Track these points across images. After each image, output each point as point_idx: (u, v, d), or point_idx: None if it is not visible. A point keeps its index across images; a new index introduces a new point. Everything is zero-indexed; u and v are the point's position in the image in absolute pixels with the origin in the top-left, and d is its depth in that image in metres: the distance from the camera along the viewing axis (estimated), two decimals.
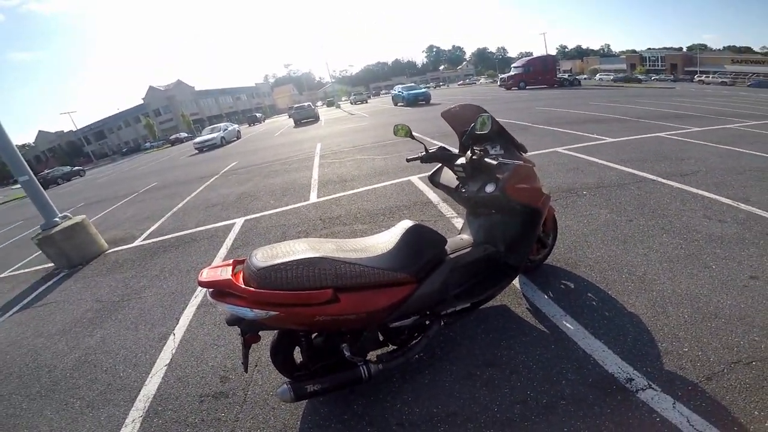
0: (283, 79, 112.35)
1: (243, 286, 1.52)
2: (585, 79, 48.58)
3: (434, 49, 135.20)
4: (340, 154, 9.31)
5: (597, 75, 55.59)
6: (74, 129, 58.69)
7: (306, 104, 27.12)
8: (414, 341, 1.98)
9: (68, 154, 58.15)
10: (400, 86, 27.15)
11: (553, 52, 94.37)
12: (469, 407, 1.80)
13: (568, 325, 2.23)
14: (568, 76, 34.98)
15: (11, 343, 3.35)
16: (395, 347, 2.00)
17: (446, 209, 4.30)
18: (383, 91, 71.25)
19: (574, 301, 2.43)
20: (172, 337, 2.86)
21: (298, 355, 1.91)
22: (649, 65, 61.31)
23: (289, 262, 1.55)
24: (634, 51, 70.98)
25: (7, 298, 4.55)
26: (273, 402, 2.04)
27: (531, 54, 48.45)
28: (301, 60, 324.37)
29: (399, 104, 24.62)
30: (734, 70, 49.85)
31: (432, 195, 4.83)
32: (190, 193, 8.42)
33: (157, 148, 42.87)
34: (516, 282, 2.70)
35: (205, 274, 1.59)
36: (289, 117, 30.62)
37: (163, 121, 59.49)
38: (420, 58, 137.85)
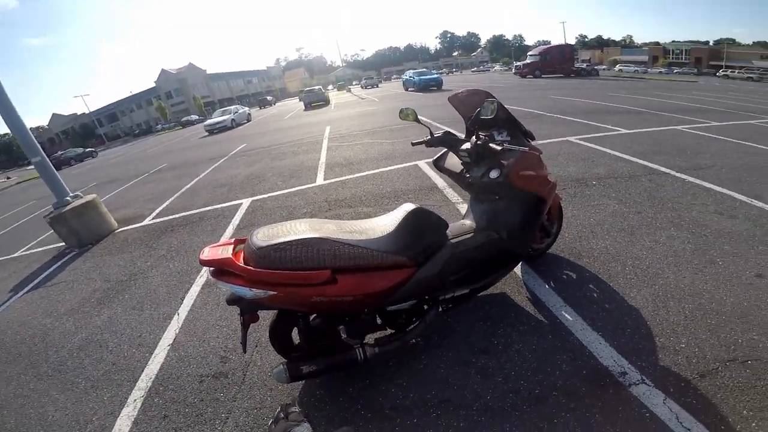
0: (294, 63, 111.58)
1: (242, 265, 1.52)
2: (604, 69, 47.22)
3: (448, 35, 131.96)
4: (349, 138, 9.27)
5: (617, 66, 53.98)
6: (87, 111, 59.80)
7: (316, 88, 27.17)
8: (411, 326, 1.96)
9: (81, 136, 59.17)
10: (412, 71, 26.71)
11: (572, 41, 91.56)
12: (462, 394, 1.80)
13: (566, 315, 2.21)
14: (586, 66, 34.01)
15: (22, 323, 3.39)
16: (393, 331, 1.98)
17: (452, 194, 4.27)
18: (394, 76, 70.13)
19: (574, 292, 2.40)
20: (176, 317, 2.87)
21: (297, 337, 1.91)
22: (673, 58, 59.13)
23: (289, 241, 1.54)
24: (657, 43, 68.39)
25: (20, 277, 4.63)
26: (270, 383, 2.05)
27: (549, 42, 47.07)
28: (313, 44, 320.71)
29: (410, 89, 24.29)
30: (763, 65, 47.71)
31: (438, 180, 4.79)
32: (199, 174, 8.49)
33: (169, 130, 43.15)
34: (518, 270, 2.67)
35: (207, 253, 1.59)
36: (300, 100, 30.52)
37: (174, 104, 59.72)
38: (433, 44, 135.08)
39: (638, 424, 1.56)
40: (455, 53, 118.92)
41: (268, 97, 47.44)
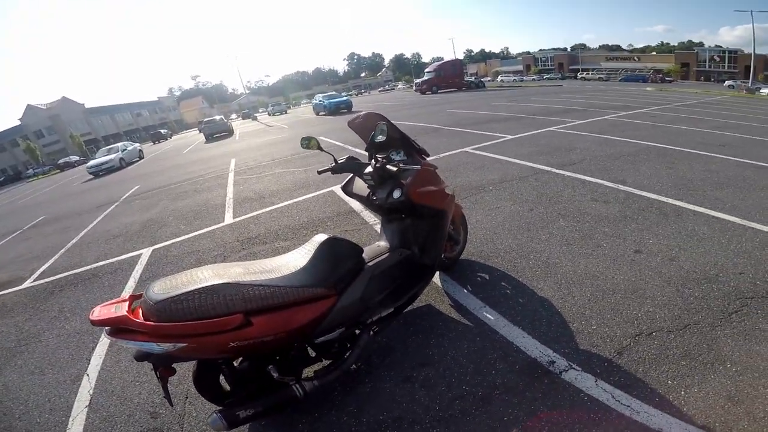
0: (190, 92, 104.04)
1: (141, 321, 1.41)
2: (489, 81, 52.96)
3: (355, 57, 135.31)
4: (257, 169, 8.89)
5: (499, 77, 60.93)
6: None
7: (218, 117, 25.82)
8: (347, 353, 1.95)
9: None
10: (321, 95, 26.84)
11: (460, 56, 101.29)
12: (412, 410, 1.82)
13: (488, 315, 2.36)
14: (474, 78, 37.88)
15: None
16: (330, 361, 1.96)
17: (369, 217, 4.33)
18: (304, 101, 69.60)
19: (490, 292, 2.58)
20: (86, 377, 2.63)
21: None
22: (541, 65, 68.73)
23: (190, 292, 1.46)
24: (528, 53, 78.92)
25: None
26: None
27: (442, 59, 51.48)
28: (211, 71, 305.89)
29: (321, 113, 24.40)
30: (608, 66, 58.15)
31: (355, 204, 4.81)
32: (87, 224, 7.38)
33: (44, 174, 36.87)
34: (437, 280, 2.80)
35: (97, 312, 1.45)
36: (200, 132, 28.55)
37: (47, 144, 51.43)
38: (341, 66, 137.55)
39: (581, 408, 1.67)
40: (363, 74, 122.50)
41: (163, 131, 43.30)
